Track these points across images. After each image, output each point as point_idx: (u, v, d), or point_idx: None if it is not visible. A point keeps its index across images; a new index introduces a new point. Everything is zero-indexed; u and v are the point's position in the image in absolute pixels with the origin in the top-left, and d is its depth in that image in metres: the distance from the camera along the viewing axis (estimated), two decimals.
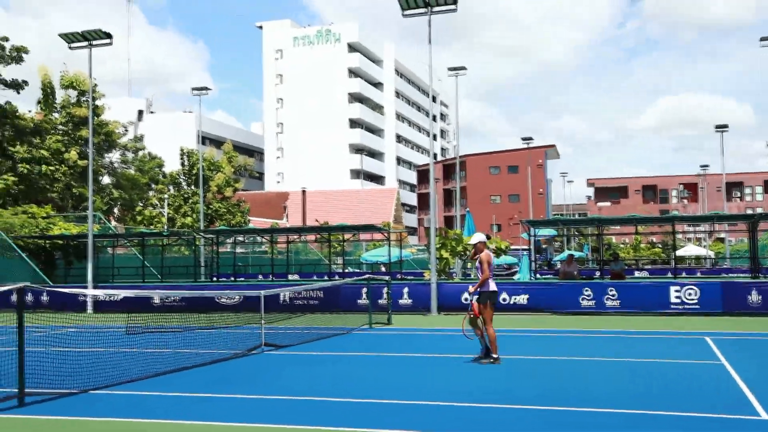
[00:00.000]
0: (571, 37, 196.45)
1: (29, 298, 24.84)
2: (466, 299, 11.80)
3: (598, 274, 27.89)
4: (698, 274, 38.64)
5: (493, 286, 11.56)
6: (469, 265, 30.71)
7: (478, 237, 11.98)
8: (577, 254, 45.75)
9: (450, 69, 37.92)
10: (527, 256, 30.26)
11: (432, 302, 22.24)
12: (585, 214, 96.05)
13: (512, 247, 49.22)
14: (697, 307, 20.57)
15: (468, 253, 28.03)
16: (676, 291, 20.86)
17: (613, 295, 21.27)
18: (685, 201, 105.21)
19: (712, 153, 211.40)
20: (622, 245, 73.30)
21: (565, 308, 21.47)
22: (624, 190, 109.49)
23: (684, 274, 36.28)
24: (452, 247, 26.51)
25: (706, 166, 68.96)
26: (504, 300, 21.77)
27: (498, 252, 28.36)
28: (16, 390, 8.33)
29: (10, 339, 9.69)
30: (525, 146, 56.26)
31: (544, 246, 55.81)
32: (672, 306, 20.76)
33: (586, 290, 21.52)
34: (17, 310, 8.61)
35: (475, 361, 11.51)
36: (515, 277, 31.91)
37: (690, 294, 20.74)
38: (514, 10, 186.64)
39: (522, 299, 21.92)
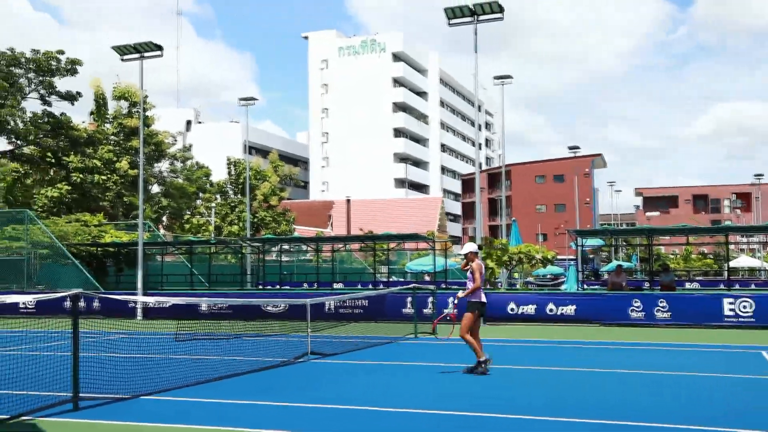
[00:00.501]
0: (618, 44, 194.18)
1: (82, 304, 25.38)
2: (453, 305, 11.79)
3: (647, 285, 27.37)
4: (752, 286, 37.64)
5: (483, 297, 11.65)
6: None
7: (470, 247, 12.01)
8: (625, 265, 45.01)
9: (496, 78, 37.70)
10: (574, 266, 29.85)
11: None
12: (633, 224, 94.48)
13: (558, 257, 48.65)
14: (752, 320, 20.02)
15: (513, 262, 27.81)
16: (730, 303, 20.35)
17: (663, 307, 20.83)
18: (738, 211, 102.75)
19: (766, 162, 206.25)
20: (671, 255, 71.88)
21: (614, 320, 21.10)
22: (674, 199, 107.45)
23: (737, 287, 35.41)
24: (498, 257, 26.30)
25: (761, 175, 67.24)
26: (551, 311, 21.52)
27: (544, 262, 28.00)
28: (71, 394, 8.50)
29: (64, 344, 9.90)
30: (571, 155, 55.66)
31: (591, 256, 55.02)
32: (726, 319, 20.25)
33: (636, 301, 21.12)
34: (72, 316, 8.80)
35: (468, 371, 11.45)
36: (562, 288, 31.52)
37: (745, 306, 20.20)
38: (560, 18, 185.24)
39: (569, 310, 21.62)
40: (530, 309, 21.87)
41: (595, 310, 21.39)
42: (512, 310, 22.08)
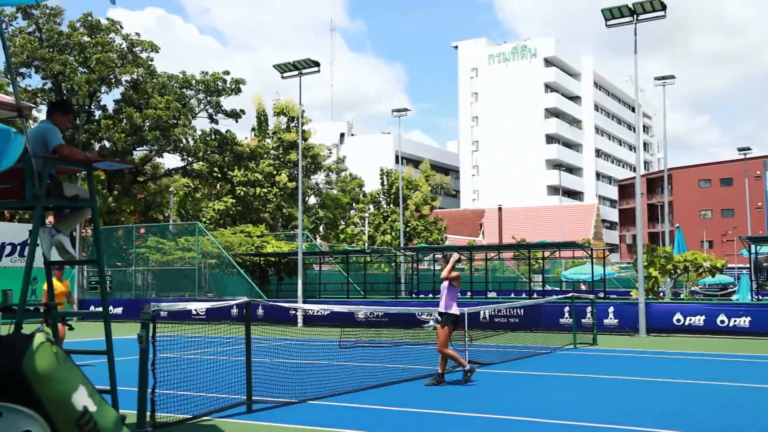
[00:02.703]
0: None
1: None
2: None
3: None
4: None
5: (455, 309, 11.21)
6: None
7: (454, 256, 11.54)
8: None
9: (657, 78, 36.09)
10: (746, 275, 27.95)
11: (640, 323, 21.15)
12: None
13: (728, 265, 45.66)
14: None
15: (678, 271, 26.42)
16: None
17: None
18: None
19: None
20: None
21: None
22: None
23: None
24: (661, 265, 25.08)
25: None
26: (722, 322, 20.25)
27: (712, 271, 26.36)
28: (245, 397, 8.97)
29: (236, 349, 10.49)
30: (741, 157, 52.11)
31: (765, 264, 51.26)
32: None
33: None
34: (245, 323, 9.28)
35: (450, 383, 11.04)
36: (733, 298, 29.62)
37: None
38: (727, 14, 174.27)
39: (743, 322, 20.22)
40: (699, 320, 20.67)
41: None
42: (678, 321, 20.98)
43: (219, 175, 47.04)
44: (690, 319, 20.78)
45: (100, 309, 6.84)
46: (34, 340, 3.98)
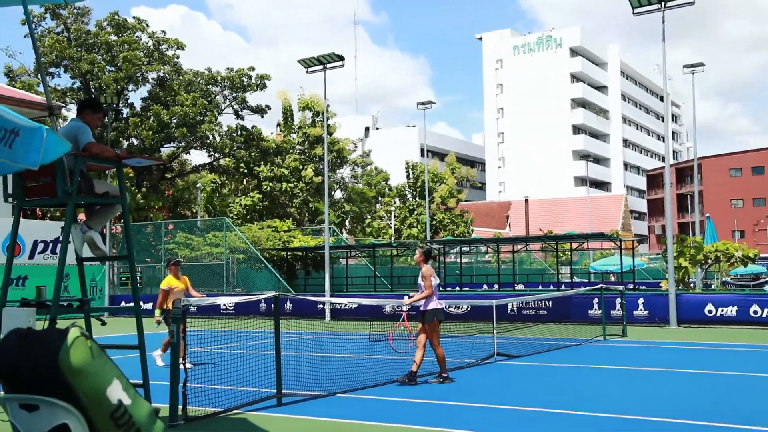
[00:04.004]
0: None
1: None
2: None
3: None
4: None
5: (435, 303, 10.48)
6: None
7: (420, 251, 10.81)
8: None
9: (686, 66, 35.58)
10: None
11: (671, 314, 20.93)
12: None
13: (761, 255, 44.91)
14: None
15: (709, 261, 26.10)
16: None
17: None
18: None
19: None
20: None
21: None
22: None
23: None
24: (691, 256, 24.78)
25: None
26: (755, 313, 19.97)
27: (744, 260, 25.98)
28: (275, 391, 9.03)
29: (265, 343, 10.56)
30: None
31: None
32: None
33: None
34: (274, 317, 9.34)
35: (399, 382, 10.37)
36: (766, 288, 29.19)
37: None
38: None
39: None
40: (731, 311, 20.40)
41: None
42: (710, 312, 20.72)
43: (245, 171, 47.32)
44: (722, 310, 20.52)
45: (131, 304, 6.92)
46: (69, 334, 4.04)
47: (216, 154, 44.80)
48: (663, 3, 21.34)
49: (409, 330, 10.99)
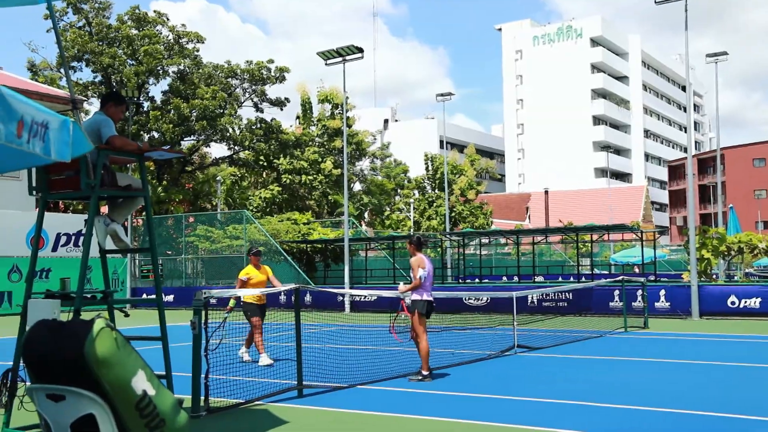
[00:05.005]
0: None
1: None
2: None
3: None
4: None
5: (421, 295, 10.29)
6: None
7: (408, 241, 10.72)
8: None
9: (708, 55, 35.08)
10: None
11: (693, 306, 20.78)
12: None
13: None
14: None
15: (732, 252, 25.85)
16: None
17: None
18: None
19: None
20: None
21: None
22: None
23: None
24: (714, 247, 24.55)
25: None
26: None
27: None
28: (296, 382, 9.08)
29: (285, 335, 10.61)
30: None
31: None
32: None
33: None
34: (294, 309, 9.38)
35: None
36: None
37: None
38: None
39: None
40: (754, 302, 20.22)
41: None
42: (733, 303, 20.54)
43: (265, 164, 47.48)
44: (745, 302, 20.34)
45: (153, 296, 6.98)
46: (95, 325, 4.09)
47: (236, 147, 44.98)
48: None
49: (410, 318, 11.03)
